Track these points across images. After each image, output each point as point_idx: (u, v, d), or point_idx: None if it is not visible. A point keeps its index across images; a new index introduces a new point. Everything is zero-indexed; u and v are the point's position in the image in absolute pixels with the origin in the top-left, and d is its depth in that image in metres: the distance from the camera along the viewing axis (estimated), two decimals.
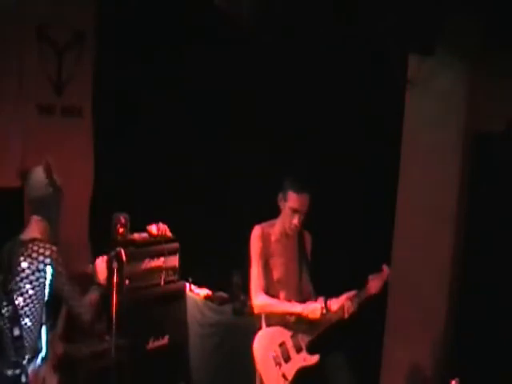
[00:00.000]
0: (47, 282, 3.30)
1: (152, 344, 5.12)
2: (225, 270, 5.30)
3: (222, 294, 5.49)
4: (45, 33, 5.29)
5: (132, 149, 5.70)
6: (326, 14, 4.32)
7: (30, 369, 3.31)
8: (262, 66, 5.27)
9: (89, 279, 4.28)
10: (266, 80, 5.23)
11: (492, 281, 4.40)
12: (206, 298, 5.48)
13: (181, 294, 5.39)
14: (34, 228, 3.39)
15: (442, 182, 4.60)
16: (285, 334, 3.92)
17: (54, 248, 3.30)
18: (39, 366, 3.36)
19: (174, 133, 5.72)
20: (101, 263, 3.61)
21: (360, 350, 4.84)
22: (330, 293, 4.77)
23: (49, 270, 3.28)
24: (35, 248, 3.29)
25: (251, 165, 5.51)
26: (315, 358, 3.89)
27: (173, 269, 5.34)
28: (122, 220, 5.09)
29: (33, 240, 3.32)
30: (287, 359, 3.87)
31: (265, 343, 3.91)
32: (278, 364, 3.85)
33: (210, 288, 5.58)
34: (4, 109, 5.05)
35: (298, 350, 3.90)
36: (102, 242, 5.18)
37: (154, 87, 5.70)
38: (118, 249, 3.92)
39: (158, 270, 5.21)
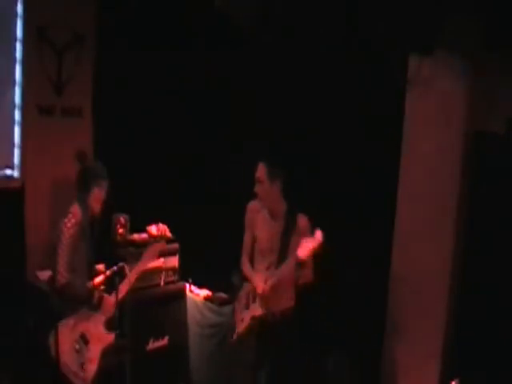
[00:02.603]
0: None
1: (152, 345, 5.12)
2: (225, 270, 5.29)
3: (221, 294, 5.48)
4: (45, 33, 5.29)
5: (132, 149, 5.70)
6: (326, 15, 4.32)
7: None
8: (262, 65, 5.27)
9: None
10: (266, 80, 5.22)
11: (492, 281, 4.40)
12: (206, 298, 5.48)
13: (181, 295, 5.38)
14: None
15: (442, 182, 4.60)
16: None
17: (65, 219, 4.04)
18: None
19: (174, 133, 5.72)
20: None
21: (360, 350, 4.85)
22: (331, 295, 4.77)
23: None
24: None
25: (251, 165, 5.50)
26: None
27: (173, 269, 5.34)
28: (122, 220, 5.09)
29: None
30: None
31: None
32: None
33: (209, 289, 5.58)
34: (4, 109, 5.06)
35: None
36: (101, 242, 5.18)
37: (154, 87, 5.70)
38: (120, 264, 4.00)
39: (158, 270, 5.20)
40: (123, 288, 4.19)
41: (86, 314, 4.06)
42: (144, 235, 5.28)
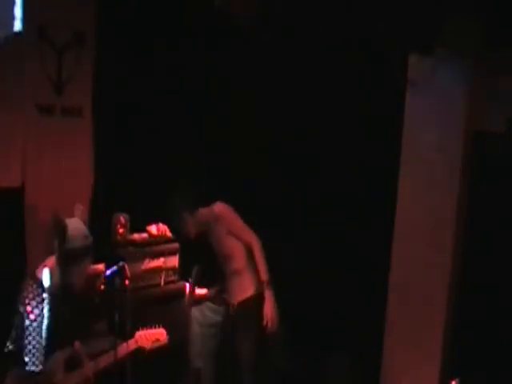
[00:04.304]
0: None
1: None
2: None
3: (222, 294, 5.47)
4: (45, 33, 5.28)
5: (132, 149, 5.70)
6: (326, 14, 4.32)
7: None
8: (262, 65, 5.27)
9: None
10: (266, 80, 5.22)
11: (492, 281, 4.40)
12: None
13: (181, 294, 5.38)
14: None
15: (442, 182, 4.60)
16: None
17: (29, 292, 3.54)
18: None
19: (174, 133, 5.72)
20: None
21: (360, 349, 4.85)
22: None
23: None
24: None
25: (251, 164, 5.50)
26: None
27: (173, 269, 5.34)
28: (122, 220, 5.08)
29: None
30: None
31: None
32: None
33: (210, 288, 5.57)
34: (4, 109, 5.05)
35: None
36: (101, 242, 5.18)
37: (154, 87, 5.69)
38: (121, 264, 3.90)
39: (158, 270, 5.20)
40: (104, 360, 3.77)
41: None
42: (144, 235, 5.27)
